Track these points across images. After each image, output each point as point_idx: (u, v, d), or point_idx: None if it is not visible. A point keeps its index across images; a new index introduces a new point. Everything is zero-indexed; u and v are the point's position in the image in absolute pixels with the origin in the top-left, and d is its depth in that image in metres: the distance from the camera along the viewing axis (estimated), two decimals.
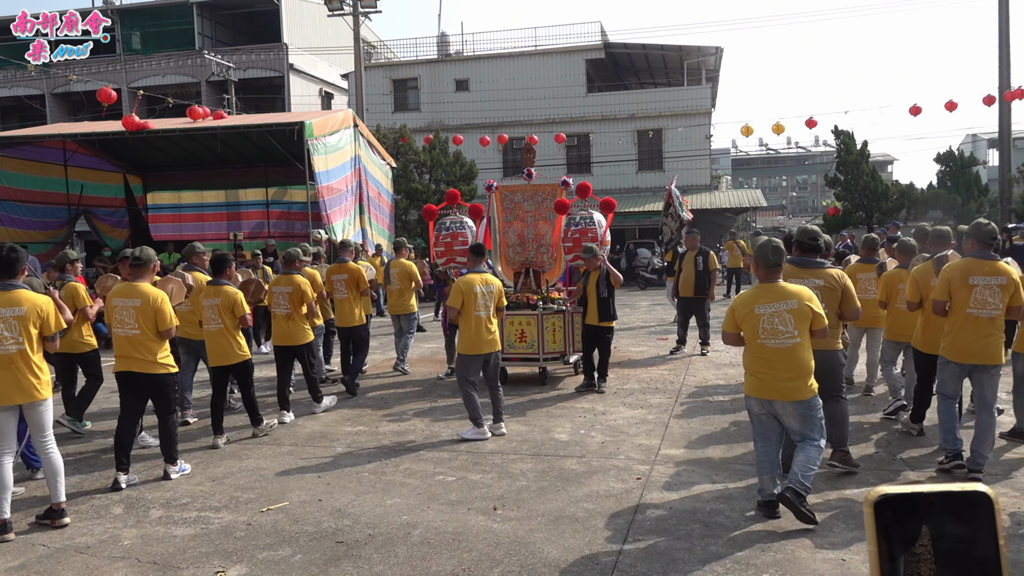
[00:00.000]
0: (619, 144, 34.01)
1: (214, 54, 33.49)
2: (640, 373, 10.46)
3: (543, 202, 10.46)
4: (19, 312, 5.20)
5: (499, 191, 10.66)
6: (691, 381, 9.81)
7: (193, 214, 20.92)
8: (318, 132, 14.97)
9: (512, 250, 10.63)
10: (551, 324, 9.52)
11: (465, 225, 10.19)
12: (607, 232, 9.84)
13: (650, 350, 12.50)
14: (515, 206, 10.60)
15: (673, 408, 8.32)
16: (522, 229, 10.54)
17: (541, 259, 10.52)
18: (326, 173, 15.13)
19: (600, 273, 8.91)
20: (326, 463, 6.61)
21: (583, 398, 8.96)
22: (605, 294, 8.85)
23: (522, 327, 9.49)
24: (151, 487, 6.15)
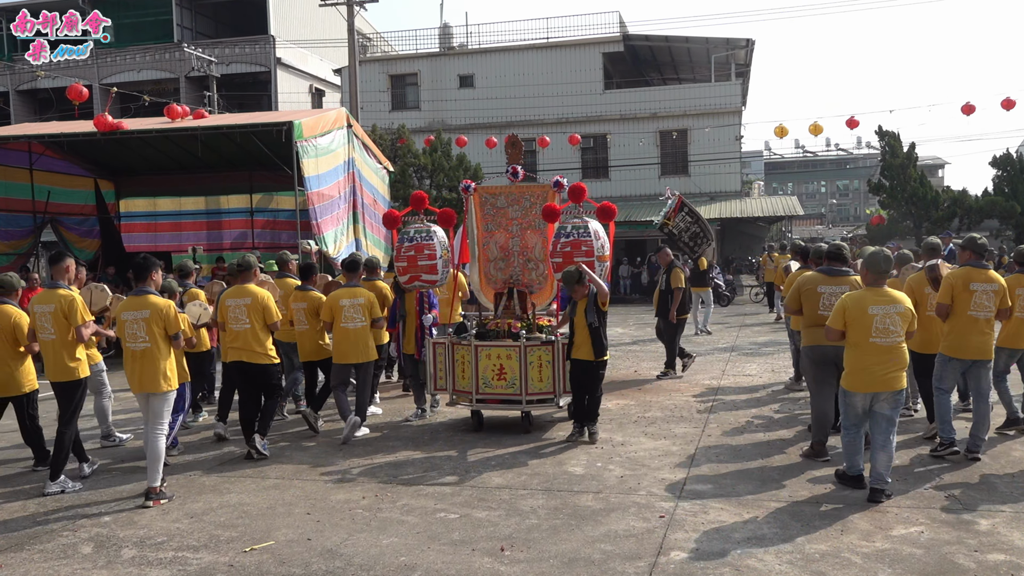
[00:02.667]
0: (640, 146, 34.02)
1: (194, 47, 33.58)
2: (663, 399, 10.45)
3: (531, 207, 9.47)
4: (145, 315, 6.80)
5: (478, 194, 9.66)
6: (720, 408, 9.81)
7: (170, 223, 20.96)
8: (308, 133, 15.04)
9: (493, 265, 9.63)
10: (537, 358, 8.50)
11: (433, 235, 9.14)
12: (608, 245, 8.78)
13: (675, 374, 12.46)
14: (497, 212, 9.60)
15: (700, 438, 8.32)
16: (506, 240, 9.57)
17: (528, 277, 9.51)
18: (316, 178, 15.18)
19: (588, 300, 8.18)
20: (315, 498, 6.62)
21: (600, 427, 8.86)
22: (596, 323, 8.11)
23: (501, 361, 8.53)
24: (123, 523, 6.16)
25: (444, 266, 9.23)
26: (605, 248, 8.70)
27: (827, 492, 6.44)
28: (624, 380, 12.03)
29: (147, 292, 6.91)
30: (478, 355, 8.63)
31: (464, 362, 8.76)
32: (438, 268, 9.13)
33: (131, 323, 6.80)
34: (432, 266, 9.10)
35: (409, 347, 9.45)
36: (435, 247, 9.10)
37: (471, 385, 8.68)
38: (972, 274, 7.27)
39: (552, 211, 8.90)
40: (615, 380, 11.95)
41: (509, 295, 9.35)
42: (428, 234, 9.17)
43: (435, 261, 9.12)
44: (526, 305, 9.30)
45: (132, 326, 6.80)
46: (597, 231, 8.69)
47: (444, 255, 9.23)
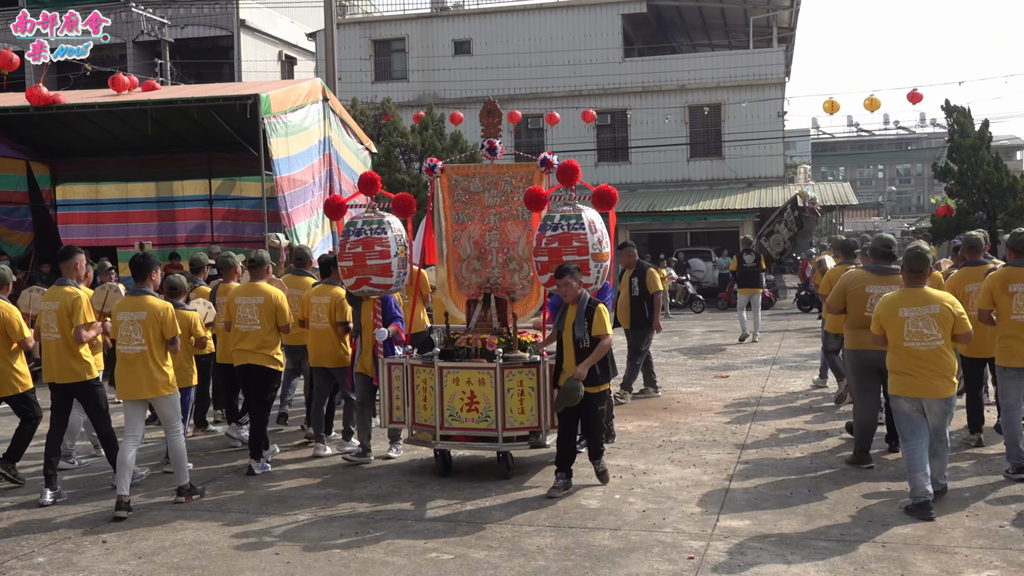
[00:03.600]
0: (665, 124, 34.08)
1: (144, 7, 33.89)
2: (692, 421, 10.51)
3: (513, 193, 8.79)
4: (141, 316, 7.43)
5: (447, 175, 9.01)
6: (759, 431, 9.88)
7: (115, 213, 20.86)
8: (277, 108, 15.06)
9: (466, 266, 8.98)
10: (517, 384, 7.91)
11: (387, 228, 8.51)
12: (607, 240, 8.16)
13: (706, 391, 12.54)
14: (471, 198, 8.95)
15: (735, 466, 8.38)
16: (481, 234, 8.91)
17: (509, 280, 8.86)
18: (287, 160, 15.20)
19: (579, 307, 7.61)
20: (286, 535, 6.67)
21: (619, 453, 8.97)
22: (585, 341, 7.53)
23: (472, 388, 7.98)
24: (59, 565, 6.17)
25: (401, 266, 8.59)
26: (604, 244, 8.03)
27: (883, 529, 6.43)
28: (647, 398, 12.03)
29: (145, 292, 7.56)
30: (443, 379, 8.06)
31: (426, 388, 8.25)
32: (392, 269, 8.48)
33: (126, 324, 7.46)
34: (385, 266, 8.43)
35: (366, 364, 8.93)
36: (388, 242, 8.42)
37: (435, 418, 8.16)
38: (1012, 274, 7.54)
39: (536, 197, 8.15)
40: (636, 398, 11.94)
41: (485, 303, 8.64)
42: (380, 226, 8.48)
43: (388, 260, 8.44)
44: (506, 316, 8.57)
45: (127, 328, 7.46)
46: (593, 222, 7.98)
47: (401, 253, 8.60)
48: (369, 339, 8.83)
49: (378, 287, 8.56)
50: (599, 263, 7.97)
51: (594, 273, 7.91)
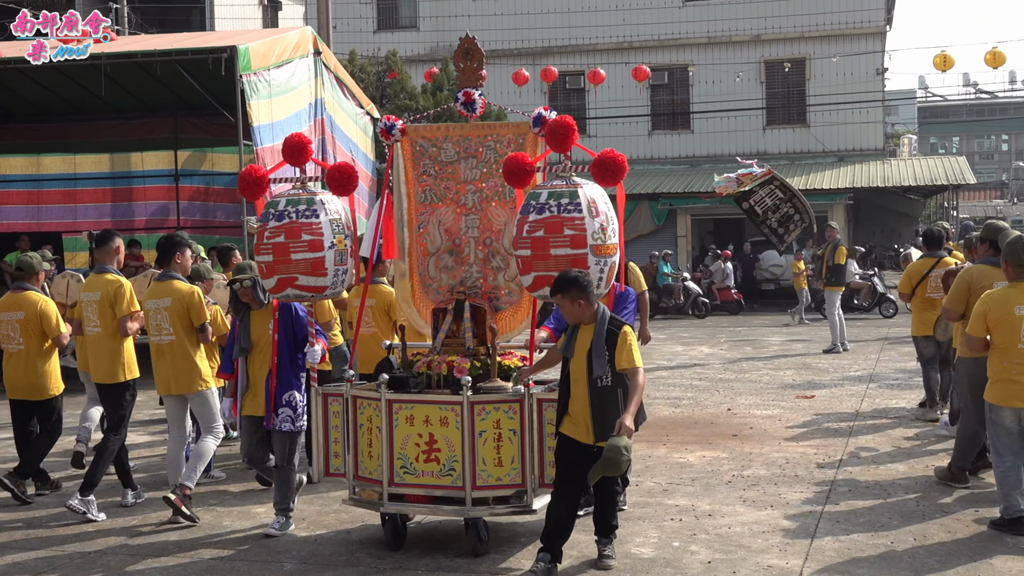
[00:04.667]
0: (736, 84, 33.97)
1: None
2: (769, 451, 10.55)
3: (499, 163, 7.89)
4: (167, 303, 8.52)
5: (409, 139, 8.29)
6: (852, 465, 9.90)
7: (60, 191, 21.00)
8: (258, 63, 15.16)
9: (434, 262, 8.20)
10: (492, 425, 7.19)
11: (322, 208, 7.78)
12: (616, 227, 7.33)
13: (786, 415, 12.52)
14: (442, 170, 8.19)
15: (824, 507, 8.38)
16: (456, 218, 8.13)
17: (492, 282, 8.08)
18: (270, 128, 15.27)
19: (598, 329, 6.91)
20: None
21: (678, 490, 8.95)
22: (606, 379, 6.83)
23: (432, 429, 7.31)
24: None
25: (339, 261, 7.79)
26: (609, 232, 7.17)
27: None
28: (712, 422, 12.11)
29: (172, 277, 8.66)
30: (393, 417, 7.43)
31: (371, 429, 7.60)
32: (327, 265, 7.68)
33: (154, 313, 8.57)
34: (316, 261, 7.61)
35: (253, 406, 8.28)
36: (321, 228, 7.65)
37: (382, 470, 7.49)
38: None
39: (517, 166, 7.32)
40: (699, 422, 12.06)
41: (458, 313, 7.86)
42: (310, 207, 7.73)
43: (320, 253, 7.61)
44: (484, 331, 7.77)
45: (156, 316, 8.56)
46: (594, 202, 7.09)
47: (339, 243, 7.80)
48: (263, 366, 8.22)
49: (307, 290, 7.71)
50: (602, 258, 7.04)
51: (594, 273, 7.00)
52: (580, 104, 34.18)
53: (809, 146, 33.90)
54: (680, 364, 17.59)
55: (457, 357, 7.63)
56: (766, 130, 34.27)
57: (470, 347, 7.72)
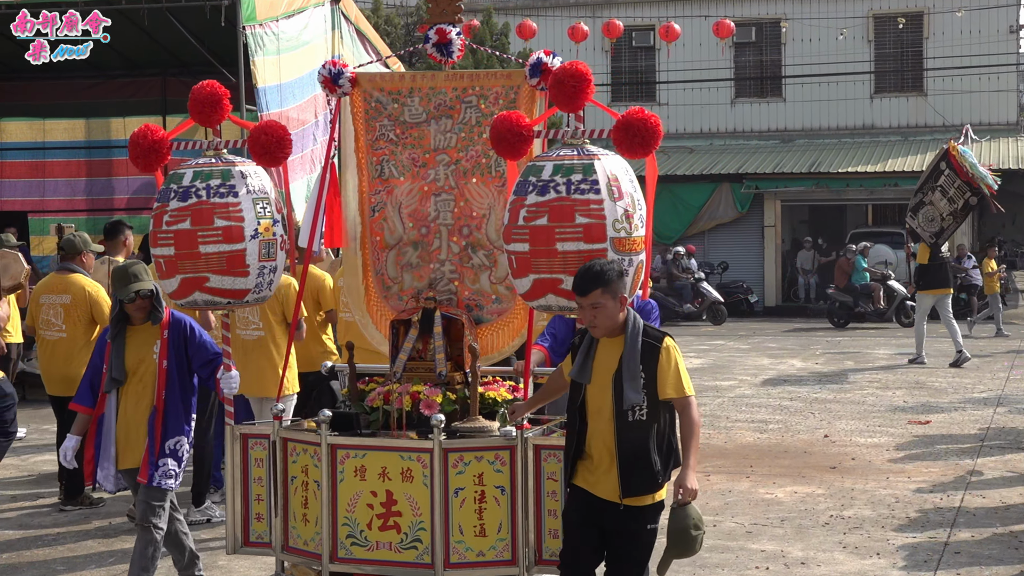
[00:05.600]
0: (837, 42, 33.76)
1: None
2: (875, 488, 10.58)
3: (484, 125, 7.34)
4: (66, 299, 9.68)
5: (361, 91, 7.66)
6: (975, 505, 9.98)
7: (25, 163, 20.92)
8: (265, 12, 15.09)
9: (393, 258, 7.56)
10: (473, 481, 6.62)
11: (242, 183, 7.11)
12: (642, 212, 6.60)
13: (895, 442, 12.47)
14: (406, 135, 7.52)
15: (939, 557, 8.41)
16: (423, 199, 7.49)
17: (473, 284, 7.44)
18: (278, 90, 15.23)
19: (629, 344, 6.15)
20: None
21: (763, 532, 8.84)
22: (642, 410, 6.09)
23: (389, 486, 6.73)
24: None
25: (267, 255, 7.11)
26: (636, 220, 6.48)
27: None
28: (806, 451, 12.05)
29: (73, 270, 9.38)
30: (338, 469, 6.78)
31: (307, 484, 6.95)
32: (248, 261, 6.98)
33: (48, 308, 9.18)
34: (235, 256, 6.92)
35: (131, 455, 7.67)
36: (242, 212, 6.97)
37: (322, 540, 6.84)
38: None
39: (510, 129, 6.60)
40: (790, 451, 11.99)
41: (425, 327, 7.24)
42: (226, 182, 7.05)
43: (241, 244, 6.92)
44: (461, 352, 7.22)
45: (48, 312, 9.09)
46: (616, 179, 6.43)
47: (267, 232, 7.10)
48: (141, 403, 7.61)
49: (221, 294, 7.04)
50: (626, 256, 6.37)
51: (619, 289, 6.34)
52: (649, 65, 34.18)
53: (926, 118, 33.59)
54: (767, 380, 17.58)
55: (425, 387, 7.00)
56: (874, 99, 34.00)
57: (442, 373, 7.09)
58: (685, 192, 32.38)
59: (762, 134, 34.67)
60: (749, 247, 32.69)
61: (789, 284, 32.76)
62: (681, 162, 33.04)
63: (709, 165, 32.61)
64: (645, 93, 35.59)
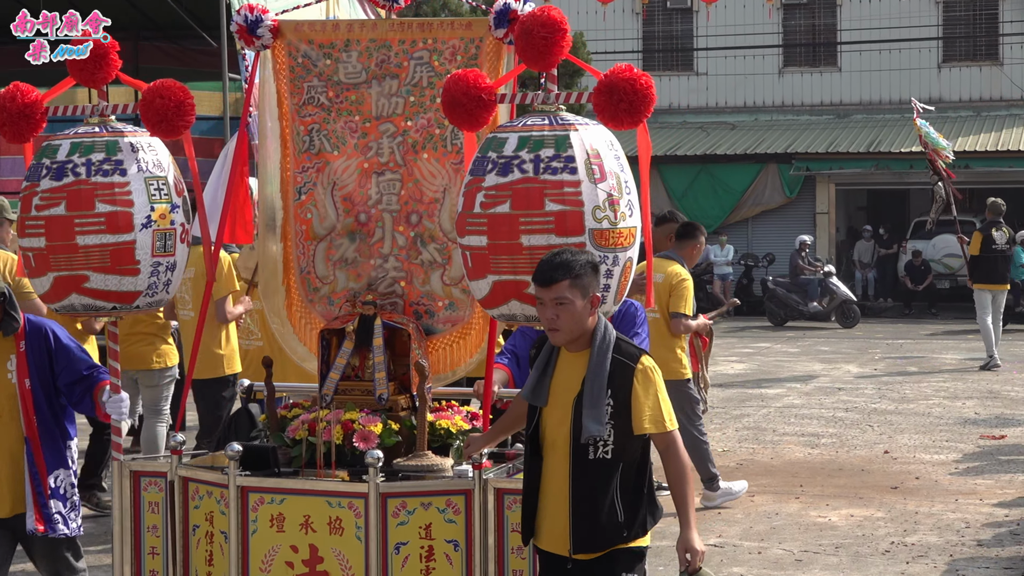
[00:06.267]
0: (899, 5, 33.69)
1: None
2: (942, 511, 10.64)
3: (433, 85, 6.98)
4: None
5: (285, 44, 7.22)
6: None
7: None
8: None
9: (323, 252, 7.17)
10: (416, 533, 6.18)
11: (132, 159, 6.63)
12: (632, 198, 6.16)
13: (965, 460, 12.40)
14: (341, 98, 7.12)
15: None
16: (360, 180, 7.10)
17: (423, 286, 7.02)
18: None
19: (594, 359, 5.56)
20: None
21: (815, 560, 8.82)
22: (605, 446, 5.51)
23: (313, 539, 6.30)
24: None
25: (162, 249, 6.60)
26: (624, 207, 6.06)
27: None
28: (863, 468, 12.05)
29: None
30: (250, 517, 6.34)
31: (211, 536, 6.53)
32: (139, 256, 6.50)
33: None
34: (122, 250, 6.42)
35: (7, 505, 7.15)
36: (132, 194, 6.49)
37: None
38: None
39: (466, 92, 6.15)
40: (846, 468, 11.98)
41: (362, 339, 6.78)
42: (112, 158, 6.55)
43: (130, 235, 6.45)
44: (407, 369, 6.82)
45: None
46: (597, 156, 6.00)
47: (162, 220, 6.59)
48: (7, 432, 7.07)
49: (104, 297, 6.53)
50: (609, 252, 5.94)
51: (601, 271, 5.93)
52: (686, 30, 34.19)
53: (1001, 91, 33.57)
54: (819, 388, 17.56)
55: (360, 414, 6.52)
56: (941, 68, 33.90)
57: (383, 397, 6.62)
58: (726, 174, 32.26)
59: (814, 108, 34.60)
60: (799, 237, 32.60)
61: (845, 279, 32.60)
62: (722, 140, 32.92)
63: (754, 144, 32.52)
64: (681, 62, 35.57)
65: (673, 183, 32.37)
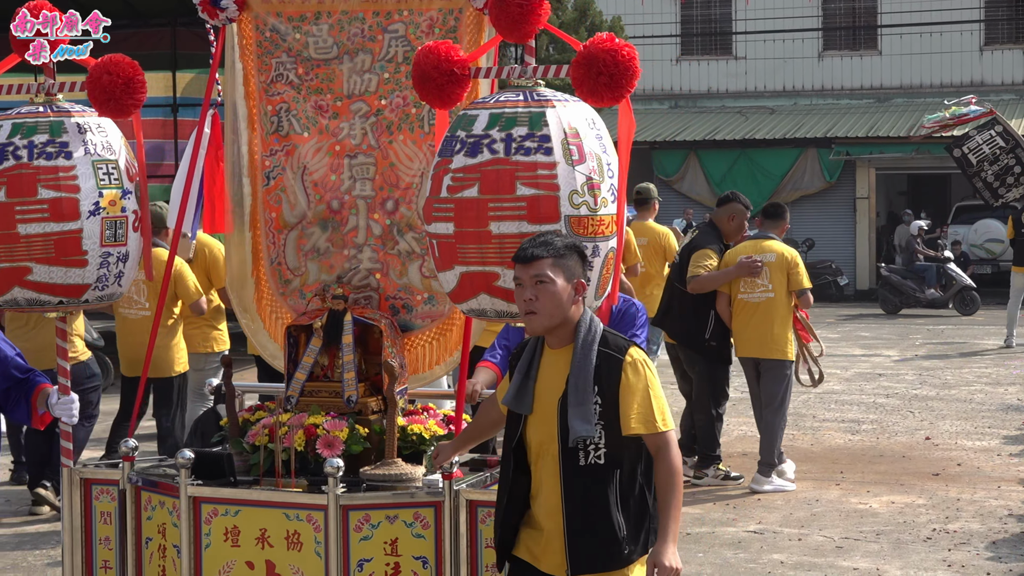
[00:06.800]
0: None
1: None
2: (984, 497, 10.66)
3: (409, 61, 6.43)
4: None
5: (252, 16, 6.89)
6: None
7: None
8: None
9: (294, 242, 6.84)
10: (380, 548, 5.86)
11: (78, 140, 6.29)
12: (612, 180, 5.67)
13: (1008, 447, 12.39)
14: (310, 75, 6.79)
15: None
16: (332, 164, 6.75)
17: (399, 278, 6.67)
18: None
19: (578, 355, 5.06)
20: None
21: (856, 548, 8.82)
22: (597, 450, 5.01)
23: (270, 555, 5.96)
24: None
25: (112, 239, 6.26)
26: (605, 193, 5.59)
27: None
28: (904, 455, 12.00)
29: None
30: (203, 530, 5.98)
31: (164, 549, 6.19)
32: (86, 246, 6.16)
33: None
34: (67, 239, 6.13)
35: None
36: (78, 179, 6.14)
37: None
38: None
39: (436, 66, 5.75)
40: (887, 455, 11.93)
41: (331, 336, 6.36)
42: (56, 139, 6.20)
43: (77, 224, 6.11)
44: (380, 371, 6.33)
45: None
46: (575, 136, 5.53)
47: (112, 207, 6.21)
48: None
49: (49, 290, 6.21)
50: (590, 241, 5.47)
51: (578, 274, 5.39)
52: (724, 14, 34.09)
53: None
54: (859, 374, 17.47)
55: (326, 418, 6.09)
56: (984, 52, 33.66)
57: (351, 399, 6.17)
58: (765, 159, 32.13)
59: (854, 92, 34.42)
60: (839, 222, 32.35)
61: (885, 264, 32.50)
62: (761, 124, 32.78)
63: (793, 128, 32.34)
64: (720, 46, 35.50)
65: (711, 168, 32.32)
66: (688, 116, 34.64)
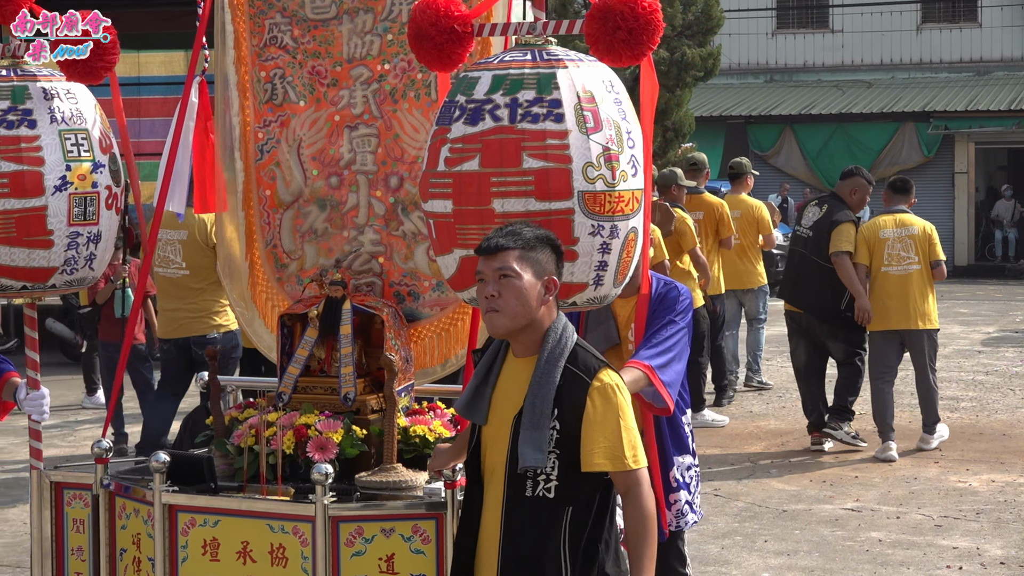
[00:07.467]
0: None
1: None
2: None
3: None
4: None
5: None
6: None
7: None
8: None
9: (290, 222, 6.34)
10: (375, 565, 5.23)
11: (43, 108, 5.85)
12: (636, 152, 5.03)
13: None
14: (307, 38, 6.26)
15: None
16: (331, 136, 6.22)
17: (404, 262, 6.11)
18: None
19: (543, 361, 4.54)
20: None
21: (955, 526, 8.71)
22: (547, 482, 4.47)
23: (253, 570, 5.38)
24: None
25: (82, 217, 5.78)
26: (622, 167, 4.89)
27: None
28: (1005, 433, 12.30)
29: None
30: (179, 540, 5.44)
31: (138, 561, 5.66)
32: (51, 225, 5.69)
33: None
34: (30, 217, 5.65)
35: None
36: (43, 151, 5.67)
37: None
38: None
39: (435, 23, 5.15)
40: (986, 433, 12.04)
41: (328, 326, 5.80)
42: (19, 106, 5.76)
43: (40, 200, 5.65)
44: (379, 365, 5.80)
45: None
46: (590, 101, 4.87)
47: (81, 182, 5.75)
48: None
49: (12, 274, 5.77)
50: (605, 221, 4.85)
51: (586, 250, 4.86)
52: None
53: None
54: (958, 351, 17.38)
55: (319, 418, 5.53)
56: None
57: (349, 397, 5.62)
58: (862, 133, 31.97)
59: (953, 65, 34.06)
60: (937, 197, 31.96)
61: (984, 240, 32.08)
62: (858, 98, 32.57)
63: (891, 102, 32.05)
64: (816, 19, 35.32)
65: (807, 143, 32.23)
66: (784, 90, 34.44)
